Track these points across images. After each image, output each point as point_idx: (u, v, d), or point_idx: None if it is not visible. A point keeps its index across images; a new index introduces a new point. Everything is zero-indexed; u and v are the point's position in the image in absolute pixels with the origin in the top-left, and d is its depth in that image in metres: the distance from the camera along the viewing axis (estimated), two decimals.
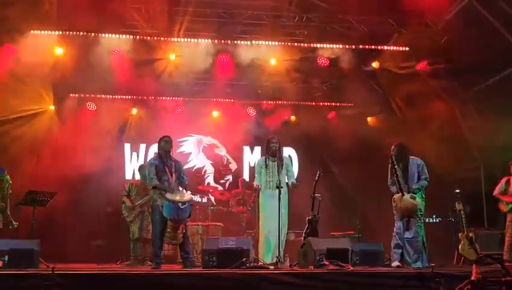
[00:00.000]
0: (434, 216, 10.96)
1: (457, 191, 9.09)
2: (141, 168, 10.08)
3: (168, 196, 7.64)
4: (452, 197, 8.93)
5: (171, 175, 7.95)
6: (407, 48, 10.77)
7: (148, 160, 11.95)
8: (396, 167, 7.81)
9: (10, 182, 8.49)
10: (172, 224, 7.63)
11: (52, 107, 11.61)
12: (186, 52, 10.77)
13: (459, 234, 8.28)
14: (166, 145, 8.09)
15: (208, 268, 7.19)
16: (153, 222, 8.00)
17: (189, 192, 8.00)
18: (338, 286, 6.29)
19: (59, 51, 10.40)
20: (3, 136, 10.63)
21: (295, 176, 8.72)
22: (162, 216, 7.65)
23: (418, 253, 7.73)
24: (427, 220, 9.79)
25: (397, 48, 10.78)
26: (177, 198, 7.64)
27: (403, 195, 7.73)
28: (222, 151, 13.13)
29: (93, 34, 10.25)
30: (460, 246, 8.22)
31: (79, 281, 6.04)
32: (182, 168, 8.31)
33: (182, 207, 7.58)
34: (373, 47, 10.94)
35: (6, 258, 7.29)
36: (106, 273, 6.42)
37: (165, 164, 7.99)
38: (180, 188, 8.02)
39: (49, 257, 7.85)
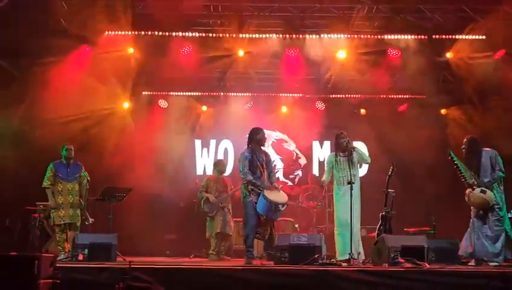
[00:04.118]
0: None
1: None
2: (216, 164, 10.17)
3: (267, 194, 7.40)
4: None
5: (263, 171, 7.66)
6: (483, 37, 10.32)
7: (219, 154, 12.24)
8: (456, 162, 7.67)
9: (88, 178, 8.81)
10: (263, 220, 7.55)
11: (126, 105, 11.95)
12: (254, 47, 10.81)
13: None
14: (261, 139, 7.75)
15: (279, 264, 7.19)
16: (247, 217, 7.60)
17: (283, 193, 7.75)
18: (413, 285, 6.08)
19: (132, 50, 10.71)
20: (80, 133, 10.99)
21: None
22: (255, 211, 7.49)
23: (497, 249, 7.49)
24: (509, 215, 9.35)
25: (473, 37, 10.34)
26: (277, 199, 7.45)
27: (473, 189, 7.57)
28: (291, 146, 13.06)
29: (164, 33, 10.48)
30: None
31: (156, 275, 6.11)
32: (272, 164, 8.08)
33: (281, 209, 7.55)
34: (447, 36, 10.56)
35: (86, 251, 7.68)
36: (183, 268, 6.54)
37: (258, 158, 7.67)
38: (275, 187, 7.75)
39: (125, 251, 8.14)
